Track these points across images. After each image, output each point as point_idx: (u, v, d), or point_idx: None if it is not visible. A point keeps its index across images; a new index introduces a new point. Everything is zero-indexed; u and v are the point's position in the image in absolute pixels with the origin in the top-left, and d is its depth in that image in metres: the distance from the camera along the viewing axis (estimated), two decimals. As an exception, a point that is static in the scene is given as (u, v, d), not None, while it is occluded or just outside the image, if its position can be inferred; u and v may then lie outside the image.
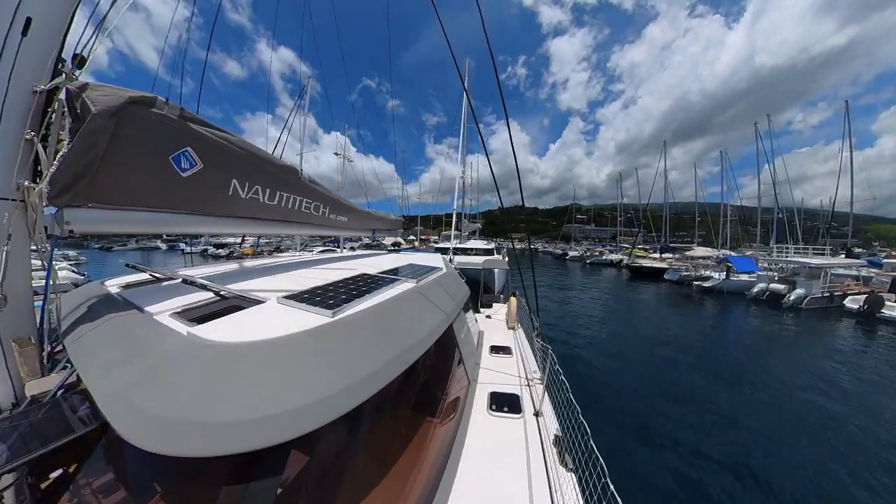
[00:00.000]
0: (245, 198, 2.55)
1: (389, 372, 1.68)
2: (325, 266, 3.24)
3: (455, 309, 3.09)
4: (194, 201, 2.34)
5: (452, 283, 3.66)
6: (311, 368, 1.44)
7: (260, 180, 2.58)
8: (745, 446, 5.50)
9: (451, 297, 3.15)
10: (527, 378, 3.37)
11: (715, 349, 10.49)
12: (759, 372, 8.72)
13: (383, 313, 2.03)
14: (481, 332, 4.76)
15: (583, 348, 10.12)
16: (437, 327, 2.46)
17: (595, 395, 7.13)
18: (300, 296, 2.04)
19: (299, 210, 2.87)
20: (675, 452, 5.29)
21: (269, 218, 2.75)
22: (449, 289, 3.29)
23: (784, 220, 32.27)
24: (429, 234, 50.16)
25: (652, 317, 15.01)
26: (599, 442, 2.06)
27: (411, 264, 3.56)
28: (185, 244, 52.71)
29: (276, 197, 2.68)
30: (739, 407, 6.86)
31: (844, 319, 14.92)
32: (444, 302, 2.88)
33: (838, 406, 7.01)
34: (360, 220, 3.76)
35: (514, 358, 3.95)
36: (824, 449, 5.55)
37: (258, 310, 1.85)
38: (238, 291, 2.19)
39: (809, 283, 17.51)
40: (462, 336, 3.20)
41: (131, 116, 1.82)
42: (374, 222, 4.18)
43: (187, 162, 2.23)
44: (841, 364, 9.46)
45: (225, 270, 3.07)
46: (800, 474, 4.90)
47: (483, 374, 3.48)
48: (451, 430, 2.41)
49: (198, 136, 2.24)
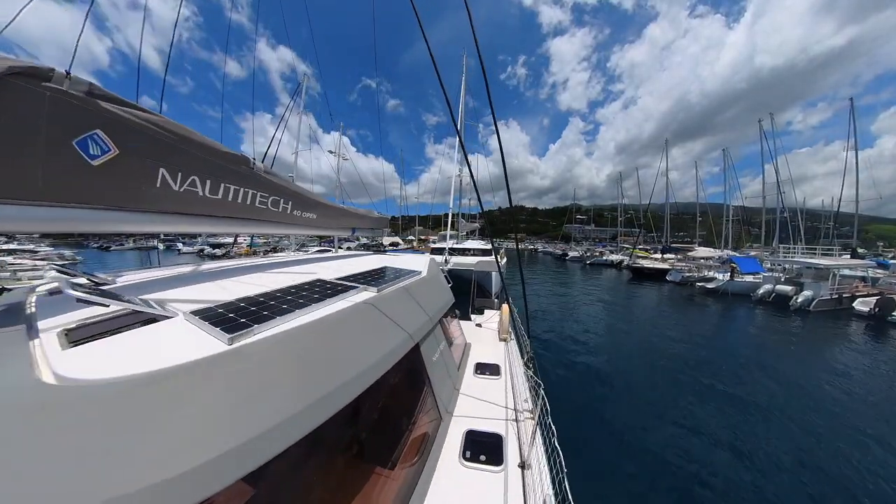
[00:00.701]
0: (179, 190, 2.11)
1: (315, 415, 1.30)
2: (281, 270, 2.78)
3: (426, 325, 2.65)
4: (110, 194, 1.91)
5: (430, 291, 3.20)
6: (190, 420, 1.02)
7: (198, 170, 2.14)
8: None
9: (424, 309, 2.70)
10: (515, 409, 2.84)
11: (730, 364, 9.35)
12: (786, 399, 7.28)
13: (315, 335, 1.59)
14: (468, 346, 4.28)
15: (582, 358, 9.37)
16: (393, 350, 2.03)
17: (595, 420, 6.10)
18: (211, 311, 1.60)
19: (253, 205, 2.42)
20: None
21: (212, 214, 2.30)
22: (424, 298, 2.85)
23: (787, 221, 31.82)
24: (428, 234, 49.73)
25: (655, 321, 14.53)
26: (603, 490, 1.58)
27: (385, 268, 3.11)
28: (182, 244, 52.41)
29: (220, 190, 2.24)
30: (782, 450, 5.40)
31: (856, 323, 14.43)
32: (410, 316, 2.45)
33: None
34: (333, 218, 3.31)
35: (503, 380, 3.44)
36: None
37: (156, 328, 1.42)
38: (156, 300, 1.77)
39: (818, 285, 17.03)
40: (434, 359, 2.72)
41: (14, 91, 1.46)
42: (352, 220, 3.73)
43: (97, 147, 1.81)
44: (872, 375, 8.61)
45: (169, 275, 2.62)
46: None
47: (462, 402, 2.97)
48: (406, 484, 1.93)
49: (111, 117, 1.83)
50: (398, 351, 2.09)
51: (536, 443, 2.26)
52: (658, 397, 7.19)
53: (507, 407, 2.88)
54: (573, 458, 1.98)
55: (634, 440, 5.50)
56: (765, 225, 33.73)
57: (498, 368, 3.66)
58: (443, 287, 3.76)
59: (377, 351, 1.87)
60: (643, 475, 4.66)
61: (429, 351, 2.62)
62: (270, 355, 1.33)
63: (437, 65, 2.25)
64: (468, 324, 5.66)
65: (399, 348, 2.11)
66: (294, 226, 2.81)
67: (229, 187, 2.27)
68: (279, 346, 1.39)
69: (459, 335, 4.29)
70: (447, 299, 3.66)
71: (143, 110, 1.98)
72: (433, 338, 2.82)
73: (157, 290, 2.09)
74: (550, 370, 8.26)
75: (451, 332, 4.07)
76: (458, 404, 2.90)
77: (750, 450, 5.37)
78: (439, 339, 3.04)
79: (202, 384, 1.10)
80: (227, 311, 1.57)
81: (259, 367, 1.26)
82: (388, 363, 1.92)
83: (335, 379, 1.50)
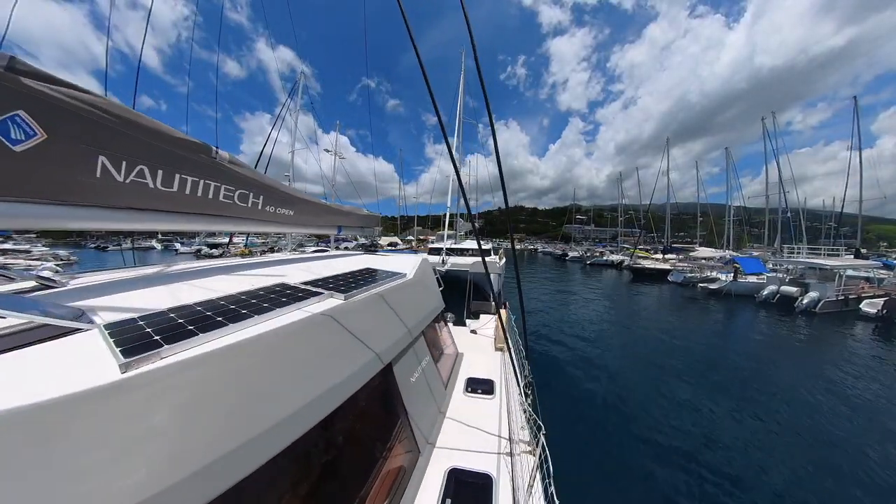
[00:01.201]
0: (124, 182, 1.81)
1: (241, 463, 1.02)
2: (251, 272, 2.46)
3: (403, 340, 2.28)
4: (38, 185, 1.62)
5: (414, 297, 2.83)
6: (52, 478, 0.75)
7: (146, 159, 1.85)
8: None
9: (402, 320, 2.35)
10: (510, 440, 2.41)
11: (741, 371, 8.87)
12: (808, 411, 6.73)
13: (249, 357, 1.25)
14: (460, 356, 3.90)
15: (581, 367, 8.78)
16: (356, 374, 1.68)
17: (604, 455, 5.25)
18: (129, 324, 1.29)
19: (216, 200, 2.13)
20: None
21: (168, 210, 2.02)
22: (405, 306, 2.49)
23: (789, 221, 31.55)
24: (427, 234, 49.40)
25: (660, 325, 14.24)
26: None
27: (367, 269, 2.79)
28: (180, 244, 51.98)
29: (174, 181, 1.95)
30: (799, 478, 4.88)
31: (863, 325, 14.15)
32: (383, 330, 2.10)
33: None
34: (315, 215, 3.00)
35: (496, 400, 3.06)
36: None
37: (60, 345, 1.12)
38: (90, 307, 1.50)
39: (824, 286, 16.74)
40: (412, 380, 2.35)
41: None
42: (336, 217, 3.42)
43: (20, 131, 1.52)
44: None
45: (129, 276, 2.33)
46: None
47: (448, 428, 2.56)
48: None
49: (37, 97, 1.54)
50: (362, 374, 1.76)
51: (535, 489, 1.85)
52: (679, 427, 6.11)
53: (500, 436, 2.48)
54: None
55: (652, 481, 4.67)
56: (768, 224, 33.44)
57: (492, 386, 3.28)
58: (431, 292, 3.39)
59: (333, 375, 1.53)
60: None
61: (405, 371, 2.28)
62: (179, 385, 1.02)
63: (426, 74, 1.93)
64: (462, 330, 5.29)
65: (364, 371, 1.76)
66: (267, 223, 2.51)
67: (186, 179, 1.98)
68: (194, 372, 1.07)
69: (450, 345, 3.92)
70: (435, 306, 3.31)
71: (79, 89, 1.69)
72: (412, 354, 2.46)
73: (100, 295, 1.81)
74: (552, 383, 7.71)
75: (441, 342, 3.72)
76: (442, 431, 2.53)
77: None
78: (421, 355, 2.66)
79: (73, 427, 0.80)
80: (148, 325, 1.26)
81: (160, 401, 0.96)
82: (347, 390, 1.57)
83: (274, 413, 1.19)
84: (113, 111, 1.76)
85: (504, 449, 2.31)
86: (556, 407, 6.31)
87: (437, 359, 3.31)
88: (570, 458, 4.92)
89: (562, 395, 7.17)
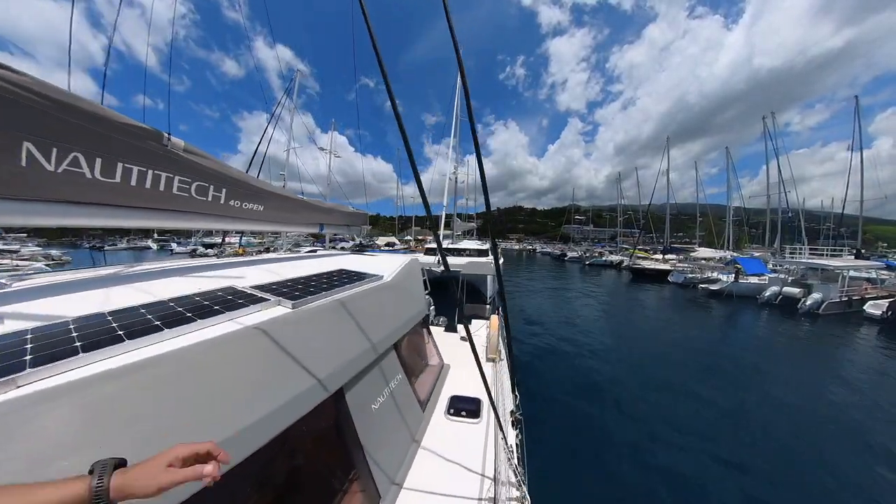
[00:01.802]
0: (55, 171, 1.57)
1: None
2: (208, 273, 2.22)
3: (363, 357, 1.93)
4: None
5: (389, 304, 2.49)
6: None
7: (82, 145, 1.60)
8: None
9: (365, 332, 2.00)
10: (494, 480, 2.00)
11: (751, 379, 8.32)
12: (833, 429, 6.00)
13: (131, 389, 0.97)
14: (445, 369, 3.52)
15: (582, 386, 7.65)
16: (286, 408, 1.37)
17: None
18: (13, 338, 1.06)
19: (169, 192, 1.88)
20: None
21: (110, 203, 1.77)
22: (373, 315, 2.16)
23: (789, 221, 31.37)
24: (426, 234, 49.08)
25: (663, 326, 14.03)
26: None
27: (339, 271, 2.50)
28: (176, 244, 51.56)
29: (116, 171, 1.70)
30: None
31: (868, 327, 13.92)
32: (337, 345, 1.79)
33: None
34: (291, 211, 2.74)
35: (482, 425, 2.63)
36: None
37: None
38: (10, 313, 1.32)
39: (827, 287, 16.50)
40: (374, 408, 1.99)
41: None
42: (316, 214, 3.15)
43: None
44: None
45: (82, 277, 2.08)
46: None
47: (421, 462, 2.16)
48: None
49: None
50: (298, 406, 1.42)
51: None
52: (673, 427, 5.63)
53: (483, 474, 2.08)
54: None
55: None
56: (769, 224, 33.24)
57: (478, 407, 2.87)
58: (413, 296, 3.03)
59: (257, 409, 1.24)
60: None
61: (363, 398, 1.92)
62: (31, 424, 0.77)
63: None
64: (452, 337, 4.91)
65: (301, 401, 1.44)
66: (232, 219, 2.25)
67: (131, 168, 1.73)
68: (53, 406, 0.82)
69: (435, 355, 3.54)
70: (416, 312, 2.94)
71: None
72: (376, 374, 2.10)
73: (26, 300, 1.57)
74: (547, 397, 6.98)
75: (423, 352, 3.34)
76: (415, 464, 2.14)
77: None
78: (391, 374, 2.30)
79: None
80: (33, 339, 1.02)
81: (7, 445, 0.72)
82: (274, 427, 1.29)
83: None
84: (39, 90, 1.51)
85: (486, 492, 1.93)
86: (550, 441, 5.27)
87: (415, 374, 2.94)
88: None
89: (557, 424, 5.96)
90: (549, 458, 4.82)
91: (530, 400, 4.85)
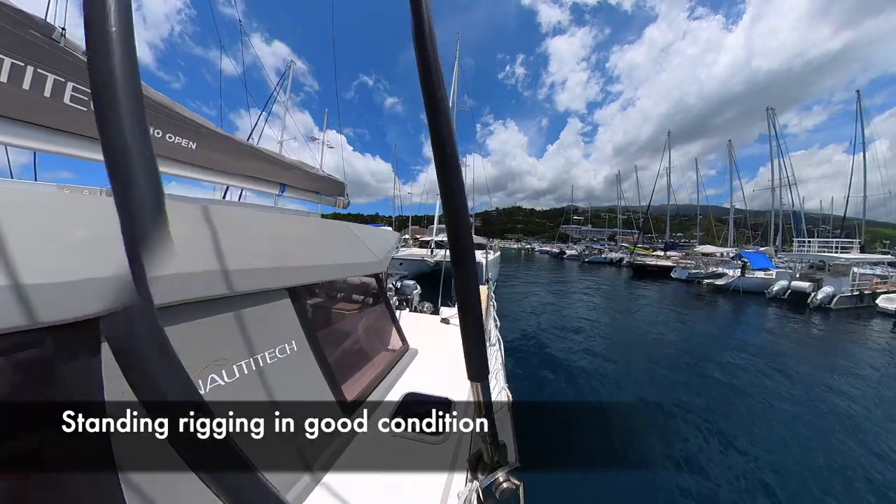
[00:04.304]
0: None
1: None
2: None
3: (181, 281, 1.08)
4: None
5: (300, 236, 1.81)
6: None
7: None
8: None
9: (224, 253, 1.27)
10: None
11: (775, 385, 7.08)
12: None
13: None
14: (409, 354, 2.61)
15: (579, 382, 6.74)
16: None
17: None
18: None
19: (59, 102, 1.20)
20: None
21: None
22: (255, 239, 1.46)
23: (789, 220, 31.06)
24: (423, 233, 48.49)
25: (663, 326, 13.39)
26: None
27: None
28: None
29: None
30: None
31: (883, 321, 13.34)
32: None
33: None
34: (235, 157, 2.04)
35: (448, 446, 1.56)
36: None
37: None
38: None
39: (838, 281, 15.94)
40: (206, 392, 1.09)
41: None
42: (272, 169, 2.42)
43: None
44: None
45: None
46: None
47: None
48: None
49: None
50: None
51: None
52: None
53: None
54: None
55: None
56: (772, 220, 32.80)
57: (447, 410, 1.29)
58: (356, 243, 2.15)
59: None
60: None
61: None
62: None
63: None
64: (432, 319, 4.13)
65: None
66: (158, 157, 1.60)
67: (2, 59, 1.05)
68: None
69: (392, 337, 2.65)
70: (353, 261, 2.07)
71: None
72: (220, 325, 1.22)
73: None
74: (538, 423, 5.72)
75: (369, 330, 2.44)
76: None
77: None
78: (266, 337, 1.38)
79: None
80: None
81: None
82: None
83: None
84: None
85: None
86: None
87: (342, 355, 2.02)
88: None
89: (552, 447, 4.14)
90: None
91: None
